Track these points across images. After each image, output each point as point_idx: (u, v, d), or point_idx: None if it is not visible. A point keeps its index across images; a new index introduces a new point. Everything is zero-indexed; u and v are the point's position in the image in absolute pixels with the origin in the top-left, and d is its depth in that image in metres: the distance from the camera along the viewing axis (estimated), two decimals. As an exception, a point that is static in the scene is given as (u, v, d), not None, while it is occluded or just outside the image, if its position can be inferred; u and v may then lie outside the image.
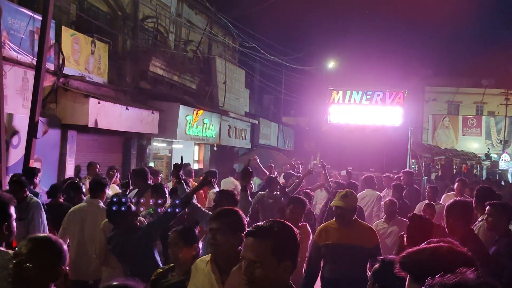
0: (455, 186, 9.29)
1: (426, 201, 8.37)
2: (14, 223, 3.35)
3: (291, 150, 28.72)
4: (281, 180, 10.25)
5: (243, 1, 22.82)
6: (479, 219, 5.83)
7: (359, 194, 9.69)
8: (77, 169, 11.41)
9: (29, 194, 6.03)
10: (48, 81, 10.70)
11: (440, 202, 8.64)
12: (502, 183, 21.74)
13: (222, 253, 3.22)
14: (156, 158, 16.77)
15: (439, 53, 62.08)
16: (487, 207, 5.11)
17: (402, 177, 10.45)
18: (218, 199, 5.20)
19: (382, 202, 9.57)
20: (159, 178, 10.83)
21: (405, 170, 11.41)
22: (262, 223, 2.45)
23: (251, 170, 6.67)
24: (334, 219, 5.49)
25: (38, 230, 5.61)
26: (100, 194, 6.13)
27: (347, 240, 5.14)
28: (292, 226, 2.48)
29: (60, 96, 11.23)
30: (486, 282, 1.65)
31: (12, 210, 3.36)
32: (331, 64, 30.89)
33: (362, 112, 15.32)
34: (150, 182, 7.50)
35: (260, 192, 8.89)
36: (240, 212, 3.39)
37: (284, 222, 2.48)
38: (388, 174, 11.76)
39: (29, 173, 7.15)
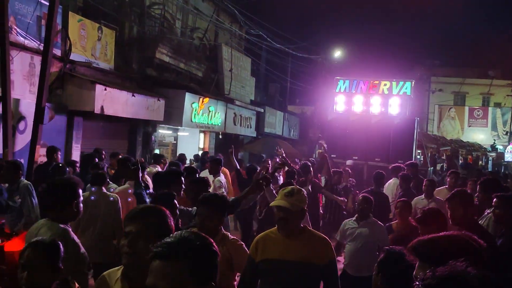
0: (447, 179, 9.00)
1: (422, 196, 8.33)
2: (81, 203, 3.70)
3: (296, 139, 28.70)
4: None
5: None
6: (486, 212, 5.80)
7: (387, 183, 9.78)
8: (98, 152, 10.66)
9: (22, 178, 6.49)
10: (55, 67, 10.69)
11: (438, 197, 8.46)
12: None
13: (140, 266, 2.33)
14: (161, 145, 16.80)
15: (445, 43, 61.74)
16: (494, 199, 5.07)
17: (405, 170, 10.35)
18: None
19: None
20: (166, 162, 10.90)
21: (409, 162, 11.34)
22: (171, 238, 1.84)
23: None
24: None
25: (28, 211, 6.15)
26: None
27: (292, 256, 3.83)
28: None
29: (66, 82, 11.23)
30: (478, 275, 1.63)
31: (80, 191, 3.72)
32: (337, 54, 30.73)
33: (368, 101, 15.24)
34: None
35: None
36: (166, 211, 2.58)
37: (200, 234, 1.91)
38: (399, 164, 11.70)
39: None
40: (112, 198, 6.22)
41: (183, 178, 5.69)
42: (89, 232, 6.15)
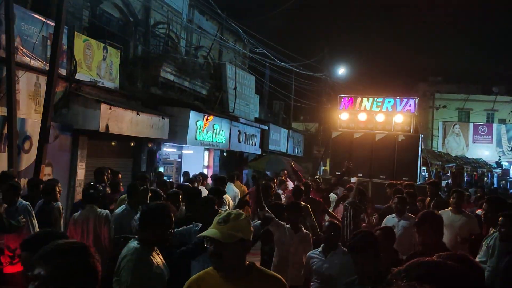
0: (451, 200, 7.90)
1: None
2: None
3: (301, 156, 28.68)
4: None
5: (253, 7, 22.88)
6: (492, 231, 5.77)
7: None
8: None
9: (20, 199, 6.55)
10: (60, 87, 10.78)
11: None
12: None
13: None
14: (166, 163, 16.82)
15: (449, 60, 61.89)
16: (500, 218, 5.07)
17: (427, 188, 10.26)
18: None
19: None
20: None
21: (430, 181, 11.30)
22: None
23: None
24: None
25: (30, 231, 6.18)
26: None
27: None
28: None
29: (72, 101, 11.30)
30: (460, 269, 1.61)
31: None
32: (341, 71, 30.87)
33: (372, 119, 15.26)
34: None
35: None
36: (88, 248, 2.01)
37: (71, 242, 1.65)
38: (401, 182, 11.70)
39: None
40: (103, 213, 6.57)
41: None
42: None
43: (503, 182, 31.22)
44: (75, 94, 11.30)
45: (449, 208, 7.71)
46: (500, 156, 38.52)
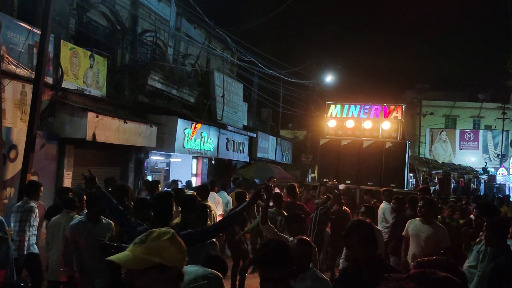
0: (418, 208, 7.54)
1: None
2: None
3: (289, 164, 28.72)
4: None
5: (241, 16, 22.98)
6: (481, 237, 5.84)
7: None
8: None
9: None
10: (46, 95, 10.71)
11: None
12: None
13: None
14: (153, 171, 16.75)
15: (435, 67, 62.41)
16: (484, 224, 5.14)
17: (418, 194, 10.35)
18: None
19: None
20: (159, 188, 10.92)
21: (421, 187, 11.46)
22: None
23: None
24: None
25: None
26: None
27: None
28: None
29: (58, 110, 11.24)
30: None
31: None
32: (329, 79, 31.01)
33: (359, 126, 15.34)
34: None
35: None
36: None
37: None
38: (387, 188, 11.76)
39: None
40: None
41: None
42: (53, 253, 6.69)
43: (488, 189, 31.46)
44: (62, 102, 11.23)
45: (418, 218, 7.39)
46: (486, 163, 38.89)
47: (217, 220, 7.34)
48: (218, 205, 10.62)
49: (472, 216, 8.53)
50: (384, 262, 3.97)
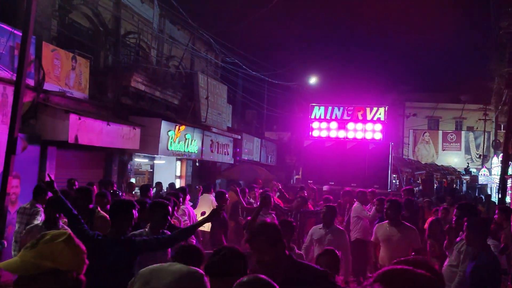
0: (385, 210, 7.33)
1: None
2: None
3: (274, 165, 28.76)
4: None
5: (225, 17, 22.98)
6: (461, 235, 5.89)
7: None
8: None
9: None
10: (28, 97, 10.58)
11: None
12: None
13: None
14: (137, 173, 16.67)
15: (418, 69, 62.99)
16: (465, 223, 5.19)
17: (402, 195, 10.41)
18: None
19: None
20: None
21: (405, 188, 11.53)
22: None
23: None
24: None
25: None
26: None
27: None
28: None
29: (40, 112, 11.12)
30: None
31: None
32: (312, 80, 31.13)
33: (343, 127, 15.45)
34: None
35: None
36: None
37: None
38: (373, 189, 11.86)
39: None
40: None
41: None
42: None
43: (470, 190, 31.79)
44: (43, 104, 11.12)
45: (386, 221, 7.15)
46: (468, 163, 39.29)
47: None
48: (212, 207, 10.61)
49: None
50: (295, 261, 3.77)
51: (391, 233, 6.96)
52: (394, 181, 20.47)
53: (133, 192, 12.59)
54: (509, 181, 15.99)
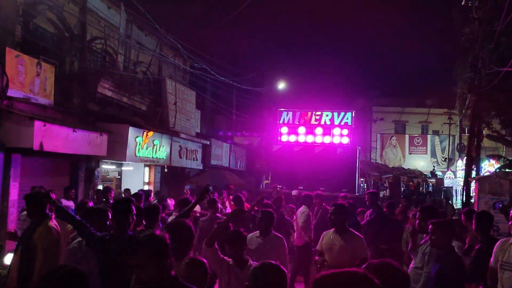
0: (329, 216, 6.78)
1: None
2: None
3: (243, 170, 28.77)
4: None
5: (193, 22, 22.94)
6: (424, 238, 5.98)
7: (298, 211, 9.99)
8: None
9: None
10: (-9, 104, 10.38)
11: None
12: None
13: None
14: (105, 180, 16.46)
15: (385, 74, 63.93)
16: (430, 226, 5.27)
17: (366, 198, 10.50)
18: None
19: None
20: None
21: (369, 191, 11.61)
22: None
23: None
24: None
25: None
26: None
27: None
28: None
29: (3, 118, 10.88)
30: None
31: None
32: (281, 85, 31.31)
33: (311, 132, 15.58)
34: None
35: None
36: None
37: None
38: (345, 194, 11.96)
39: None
40: None
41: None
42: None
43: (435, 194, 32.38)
44: (7, 111, 10.88)
45: (332, 229, 6.61)
46: (434, 166, 40.01)
47: None
48: None
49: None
50: (182, 285, 3.34)
51: (334, 241, 6.45)
52: (362, 184, 20.72)
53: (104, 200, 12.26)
54: (472, 183, 16.35)
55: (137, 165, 17.37)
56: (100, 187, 14.72)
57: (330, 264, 6.28)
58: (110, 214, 5.39)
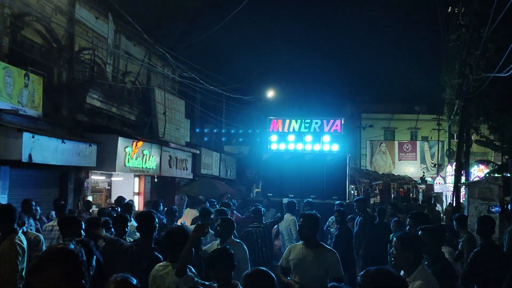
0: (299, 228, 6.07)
1: None
2: None
3: (233, 179, 28.75)
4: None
5: (181, 32, 22.95)
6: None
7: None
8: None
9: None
10: (-22, 116, 10.32)
11: None
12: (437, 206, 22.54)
13: None
14: (94, 191, 16.37)
15: (374, 81, 64.28)
16: (419, 232, 5.28)
17: (355, 205, 10.50)
18: None
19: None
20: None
21: (358, 198, 11.59)
22: None
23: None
24: None
25: None
26: None
27: None
28: None
29: (-9, 130, 10.82)
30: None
31: None
32: (270, 94, 31.41)
33: (301, 140, 15.60)
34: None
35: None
36: None
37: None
38: (340, 201, 11.98)
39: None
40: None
41: None
42: None
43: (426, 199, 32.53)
44: (-5, 123, 10.84)
45: (301, 242, 5.79)
46: (424, 172, 40.16)
47: None
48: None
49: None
50: None
51: (305, 256, 5.55)
52: (352, 191, 20.75)
53: (90, 211, 12.34)
54: (462, 189, 16.44)
55: (127, 176, 17.29)
56: (90, 198, 14.66)
57: (300, 282, 5.46)
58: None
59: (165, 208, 10.22)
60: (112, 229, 6.62)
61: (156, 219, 5.50)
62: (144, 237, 5.37)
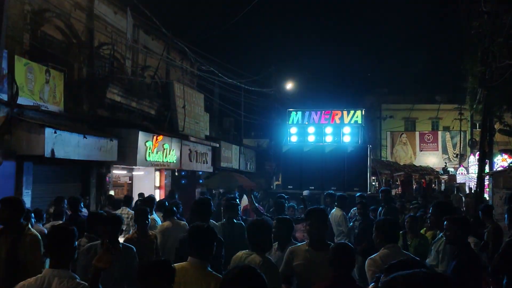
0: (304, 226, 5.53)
1: None
2: None
3: (253, 172, 28.75)
4: None
5: (200, 25, 22.96)
6: (438, 235, 5.90)
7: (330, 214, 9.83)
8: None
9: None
10: (1, 112, 10.45)
11: None
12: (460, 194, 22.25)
13: None
14: (116, 185, 16.50)
15: (394, 71, 63.63)
16: (445, 222, 5.19)
17: (379, 196, 10.42)
18: None
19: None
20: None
21: (383, 188, 11.50)
22: None
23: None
24: None
25: None
26: None
27: None
28: None
29: (14, 127, 10.93)
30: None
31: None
32: (289, 86, 31.25)
33: (321, 131, 15.50)
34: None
35: None
36: None
37: None
38: (362, 193, 11.91)
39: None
40: None
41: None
42: None
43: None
44: (18, 119, 10.95)
45: (304, 243, 5.13)
46: (446, 163, 39.73)
47: None
48: None
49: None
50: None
51: (315, 260, 4.78)
52: (373, 183, 20.61)
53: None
54: (486, 179, 16.19)
55: (148, 170, 17.39)
56: (112, 192, 14.77)
57: None
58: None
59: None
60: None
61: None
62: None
